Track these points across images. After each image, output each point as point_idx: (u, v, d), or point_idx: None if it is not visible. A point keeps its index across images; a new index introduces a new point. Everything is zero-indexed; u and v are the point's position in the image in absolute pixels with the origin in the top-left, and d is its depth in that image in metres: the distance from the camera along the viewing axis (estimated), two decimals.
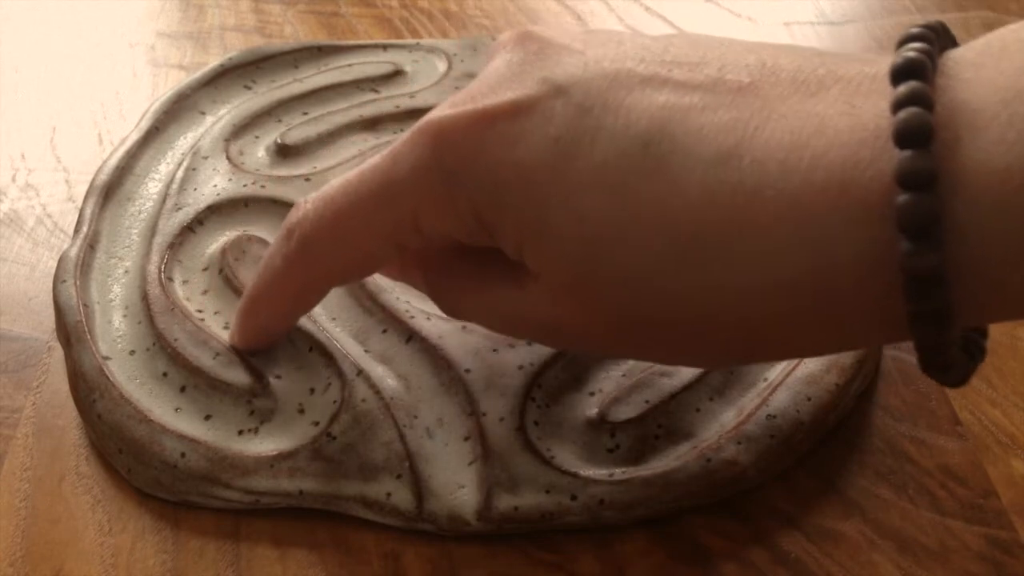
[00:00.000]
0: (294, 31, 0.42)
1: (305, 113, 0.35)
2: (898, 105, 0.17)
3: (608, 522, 0.24)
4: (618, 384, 0.26)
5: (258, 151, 0.34)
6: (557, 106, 0.20)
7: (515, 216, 0.20)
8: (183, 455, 0.24)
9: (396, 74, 0.37)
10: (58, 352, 0.28)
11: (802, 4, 0.45)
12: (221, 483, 0.24)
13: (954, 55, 0.18)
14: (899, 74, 0.18)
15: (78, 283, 0.28)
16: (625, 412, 0.25)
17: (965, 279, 0.17)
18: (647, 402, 0.26)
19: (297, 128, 0.34)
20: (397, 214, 0.22)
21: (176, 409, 0.26)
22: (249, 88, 0.36)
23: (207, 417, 0.26)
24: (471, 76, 0.37)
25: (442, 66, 0.37)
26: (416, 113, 0.35)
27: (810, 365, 0.26)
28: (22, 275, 0.31)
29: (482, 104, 0.21)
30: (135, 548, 0.24)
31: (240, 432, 0.25)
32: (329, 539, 0.24)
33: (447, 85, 0.36)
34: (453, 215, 0.21)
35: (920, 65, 0.18)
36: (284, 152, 0.33)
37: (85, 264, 0.29)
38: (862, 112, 0.18)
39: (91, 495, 0.25)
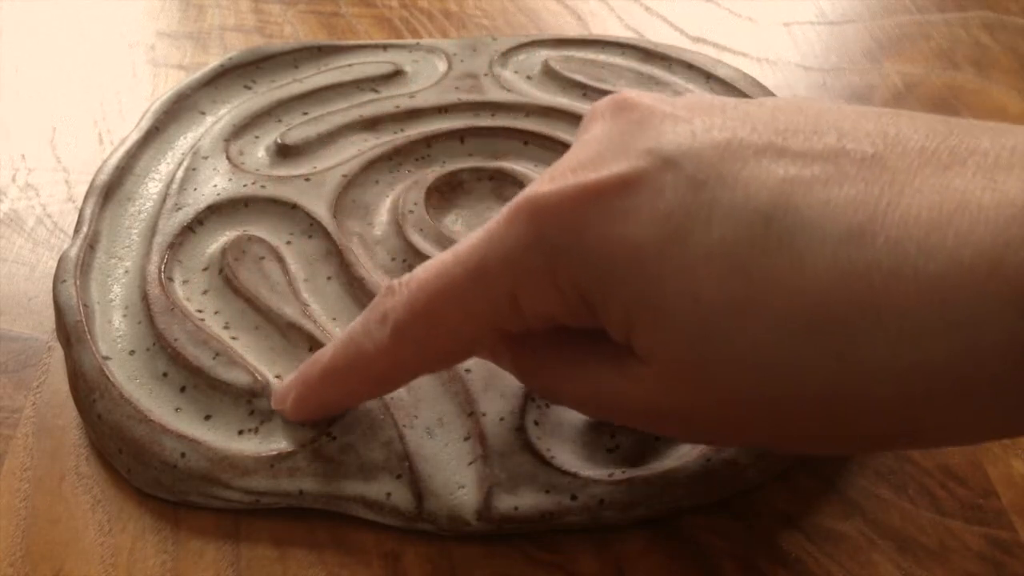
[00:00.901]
0: (294, 31, 0.42)
1: (305, 113, 0.35)
2: None
3: (608, 522, 0.24)
4: None
5: (258, 151, 0.34)
6: (667, 179, 0.19)
7: (624, 296, 0.19)
8: (183, 455, 0.24)
9: (396, 74, 0.37)
10: (58, 352, 0.28)
11: (802, 4, 0.45)
12: (221, 483, 0.24)
13: None
14: None
15: (78, 283, 0.28)
16: None
17: None
18: None
19: (297, 128, 0.34)
20: (495, 297, 0.21)
21: (176, 409, 0.26)
22: (249, 88, 0.36)
23: (207, 417, 0.26)
24: (471, 76, 0.37)
25: (442, 66, 0.37)
26: (416, 113, 0.35)
27: None
28: (22, 275, 0.31)
29: (585, 178, 0.19)
30: (135, 548, 0.24)
31: (240, 432, 0.25)
32: (329, 539, 0.24)
33: (447, 85, 0.36)
34: (556, 296, 0.20)
35: None
36: (284, 152, 0.33)
37: (85, 264, 0.29)
38: (1007, 188, 0.17)
39: (91, 495, 0.25)
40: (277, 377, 0.26)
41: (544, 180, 0.20)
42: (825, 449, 0.23)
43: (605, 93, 0.29)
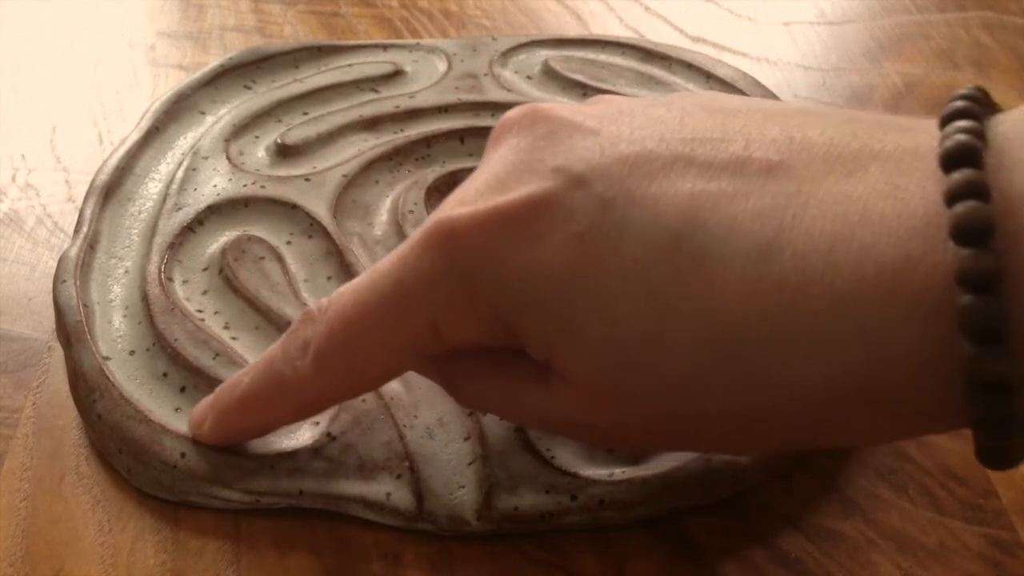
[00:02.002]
0: (294, 31, 0.42)
1: (305, 113, 0.35)
2: (953, 197, 0.16)
3: (608, 522, 0.24)
4: None
5: (258, 151, 0.34)
6: (577, 199, 0.19)
7: (541, 319, 0.19)
8: (183, 455, 0.24)
9: (396, 74, 0.37)
10: (58, 352, 0.28)
11: (802, 4, 0.45)
12: (221, 483, 0.24)
13: (1003, 129, 0.17)
14: (951, 160, 0.17)
15: (78, 283, 0.28)
16: None
17: None
18: None
19: (297, 128, 0.34)
20: (414, 326, 0.20)
21: (176, 409, 0.26)
22: (249, 88, 0.36)
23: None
24: (471, 76, 0.37)
25: (442, 66, 0.37)
26: (416, 113, 0.35)
27: None
28: (22, 275, 0.31)
29: (495, 201, 0.19)
30: (135, 548, 0.24)
31: None
32: (329, 539, 0.24)
33: (447, 85, 0.36)
34: (474, 320, 0.20)
35: (972, 150, 0.17)
36: (284, 152, 0.33)
37: (85, 264, 0.29)
38: (908, 197, 0.17)
39: (91, 495, 0.25)
40: None
41: (455, 202, 0.20)
42: (740, 452, 0.23)
43: (605, 93, 0.29)
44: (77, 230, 0.30)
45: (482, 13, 0.43)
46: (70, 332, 0.27)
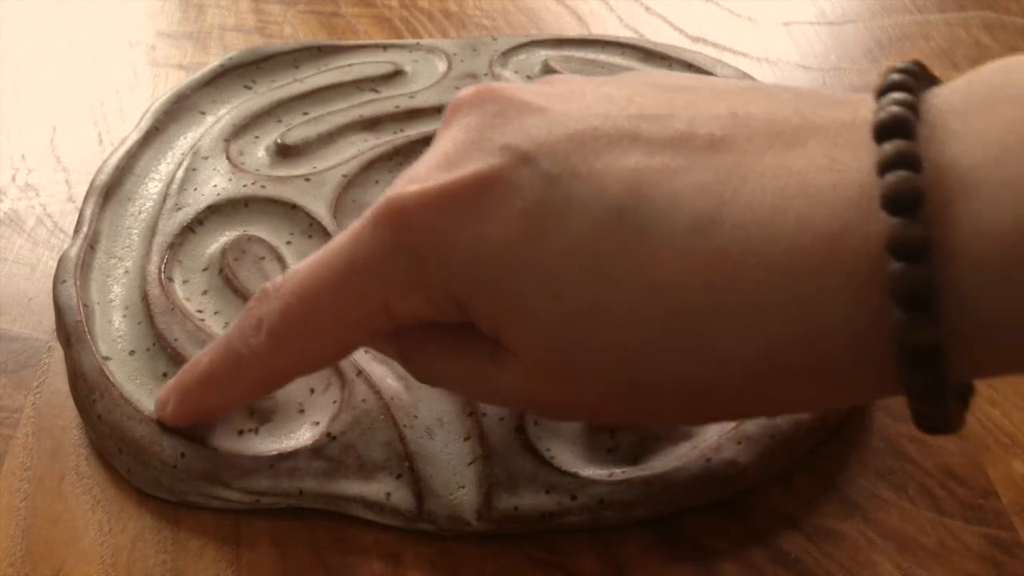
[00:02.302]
0: (294, 31, 0.42)
1: (305, 113, 0.35)
2: (885, 167, 0.17)
3: (608, 522, 0.24)
4: None
5: (258, 151, 0.34)
6: (524, 176, 0.19)
7: (488, 296, 0.19)
8: (183, 455, 0.24)
9: (396, 74, 0.37)
10: (58, 352, 0.28)
11: (802, 4, 0.45)
12: (221, 483, 0.24)
13: (937, 102, 0.18)
14: (883, 131, 0.17)
15: (78, 283, 0.28)
16: None
17: (962, 348, 0.16)
18: None
19: (297, 128, 0.34)
20: (366, 303, 0.21)
21: None
22: (249, 88, 0.36)
23: None
24: (471, 76, 0.37)
25: (442, 66, 0.37)
26: (416, 113, 0.35)
27: None
28: (22, 275, 0.31)
29: (444, 179, 0.20)
30: (135, 548, 0.24)
31: (240, 432, 0.25)
32: (329, 539, 0.24)
33: (447, 85, 0.36)
34: (425, 297, 0.20)
35: (904, 121, 0.17)
36: (284, 152, 0.33)
37: (85, 264, 0.29)
38: (844, 169, 0.17)
39: (91, 495, 0.25)
40: None
41: (405, 180, 0.20)
42: (693, 423, 0.23)
43: None
44: (77, 230, 0.30)
45: (482, 13, 0.43)
46: (70, 332, 0.27)
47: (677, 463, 0.24)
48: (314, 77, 0.37)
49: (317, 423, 0.25)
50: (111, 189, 0.31)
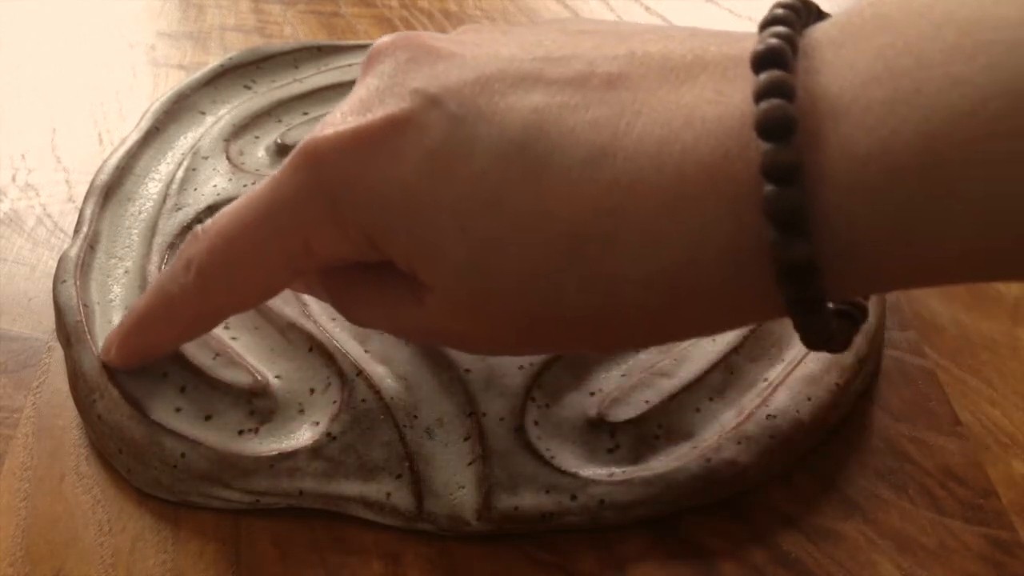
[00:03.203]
0: (294, 31, 0.42)
1: (305, 113, 0.35)
2: (759, 96, 0.17)
3: (608, 522, 0.24)
4: (618, 384, 0.26)
5: (258, 151, 0.34)
6: (432, 118, 0.20)
7: (401, 234, 0.20)
8: (183, 455, 0.24)
9: None
10: (58, 352, 0.28)
11: None
12: (221, 483, 0.24)
13: (816, 34, 0.18)
14: (760, 62, 0.18)
15: (78, 283, 0.28)
16: (625, 412, 0.26)
17: (836, 265, 0.17)
18: (647, 402, 0.26)
19: (297, 128, 0.34)
20: (288, 243, 0.22)
21: (176, 409, 0.26)
22: (249, 88, 0.36)
23: (207, 417, 0.26)
24: None
25: None
26: None
27: (810, 365, 0.26)
28: (22, 275, 0.31)
29: (358, 122, 0.20)
30: (135, 548, 0.24)
31: (240, 432, 0.25)
32: (329, 539, 0.24)
33: None
34: (343, 238, 0.21)
35: (780, 52, 0.18)
36: (284, 152, 0.33)
37: (85, 264, 0.29)
38: (728, 100, 0.18)
39: (91, 495, 0.25)
40: (277, 377, 0.26)
41: (324, 125, 0.21)
42: (604, 351, 0.24)
43: None
44: (77, 230, 0.30)
45: (482, 13, 0.43)
46: (70, 332, 0.27)
47: (677, 463, 0.24)
48: (314, 77, 0.37)
49: (317, 423, 0.25)
50: (111, 189, 0.31)
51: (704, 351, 0.27)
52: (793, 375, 0.26)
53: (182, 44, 0.41)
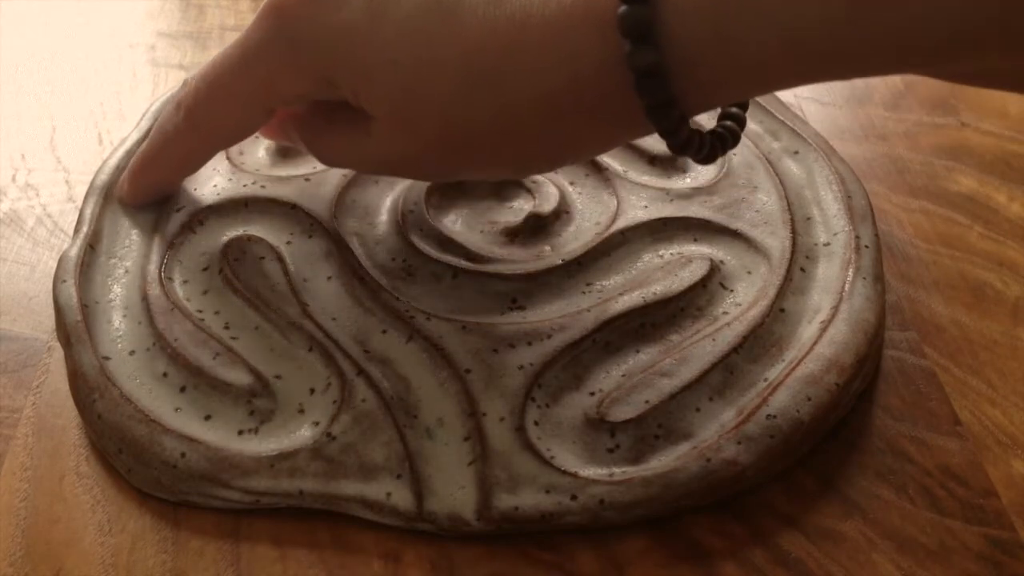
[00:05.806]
0: None
1: None
2: None
3: (608, 522, 0.24)
4: (618, 384, 0.26)
5: (258, 151, 0.34)
6: None
7: (347, 69, 0.24)
8: (183, 455, 0.24)
9: None
10: (58, 352, 0.28)
11: None
12: (221, 483, 0.24)
13: None
14: None
15: (78, 283, 0.28)
16: (625, 412, 0.25)
17: (684, 73, 0.21)
18: (647, 402, 0.26)
19: None
20: (256, 82, 0.26)
21: (176, 409, 0.26)
22: None
23: (207, 417, 0.26)
24: None
25: None
26: None
27: (810, 365, 0.26)
28: (22, 275, 0.31)
29: None
30: (135, 548, 0.24)
31: (240, 432, 0.25)
32: (329, 539, 0.24)
33: None
34: (301, 77, 0.25)
35: None
36: (284, 152, 0.33)
37: (85, 264, 0.29)
38: None
39: (91, 495, 0.25)
40: (277, 377, 0.26)
41: None
42: (528, 172, 0.27)
43: None
44: (77, 230, 0.30)
45: None
46: (70, 332, 0.27)
47: (677, 463, 0.24)
48: None
49: (317, 423, 0.25)
50: (111, 189, 0.31)
51: (704, 351, 0.27)
52: (793, 375, 0.26)
53: (182, 44, 0.41)
